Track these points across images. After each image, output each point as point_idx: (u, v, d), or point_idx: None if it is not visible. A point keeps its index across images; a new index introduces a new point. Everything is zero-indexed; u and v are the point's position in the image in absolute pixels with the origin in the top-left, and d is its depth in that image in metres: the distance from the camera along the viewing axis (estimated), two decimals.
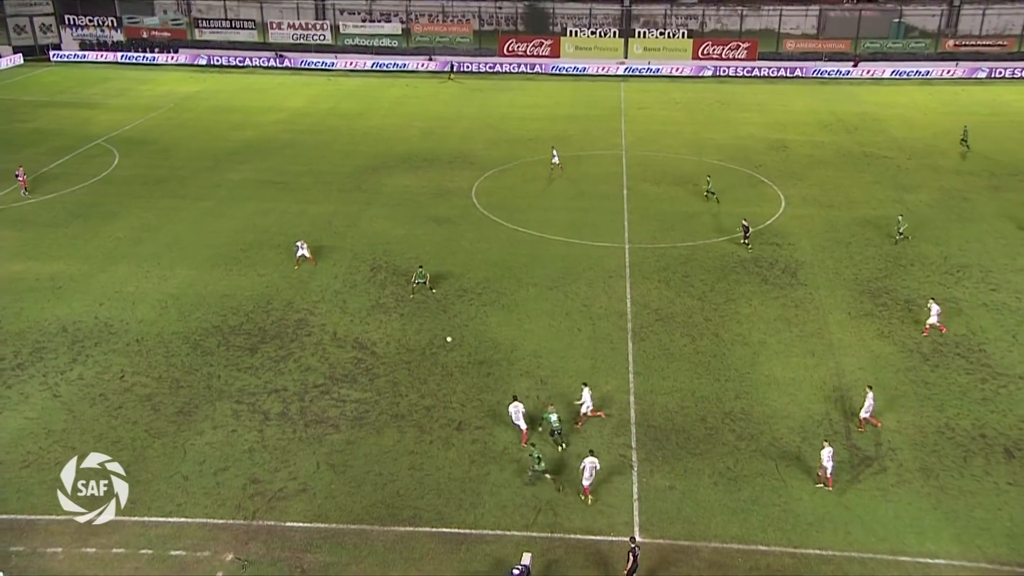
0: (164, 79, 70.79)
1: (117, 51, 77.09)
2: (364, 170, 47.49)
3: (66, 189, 43.46)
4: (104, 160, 48.52)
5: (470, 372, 27.83)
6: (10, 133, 53.64)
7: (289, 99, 64.66)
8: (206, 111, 60.62)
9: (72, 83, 68.41)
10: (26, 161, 47.37)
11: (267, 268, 34.93)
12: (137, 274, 34.17)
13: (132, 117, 57.98)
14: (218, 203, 42.16)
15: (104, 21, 77.76)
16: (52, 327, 29.87)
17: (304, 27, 79.00)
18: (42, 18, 76.36)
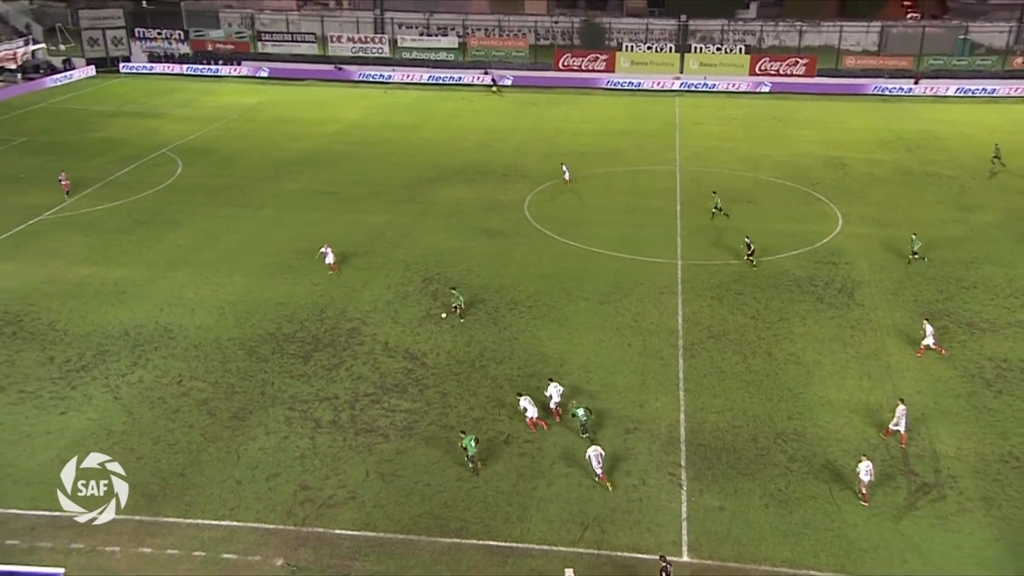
0: (227, 91, 72.49)
1: (183, 63, 79.23)
2: (418, 182, 47.94)
3: (132, 197, 44.70)
4: (168, 169, 49.82)
5: (519, 385, 27.77)
6: (81, 142, 55.43)
7: (346, 111, 65.66)
8: (266, 122, 61.88)
9: (140, 94, 70.48)
10: (95, 169, 48.93)
11: (321, 277, 35.41)
12: (196, 281, 34.93)
13: (196, 127, 59.47)
14: (276, 212, 42.93)
15: (172, 34, 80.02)
16: (115, 331, 30.69)
17: (363, 40, 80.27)
18: (114, 31, 78.89)
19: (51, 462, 23.49)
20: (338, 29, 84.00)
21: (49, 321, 31.21)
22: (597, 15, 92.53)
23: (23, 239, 38.61)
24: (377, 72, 77.25)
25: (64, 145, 54.38)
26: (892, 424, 24.87)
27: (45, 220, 41.18)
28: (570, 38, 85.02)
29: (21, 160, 50.75)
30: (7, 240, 38.42)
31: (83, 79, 75.76)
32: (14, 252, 37.22)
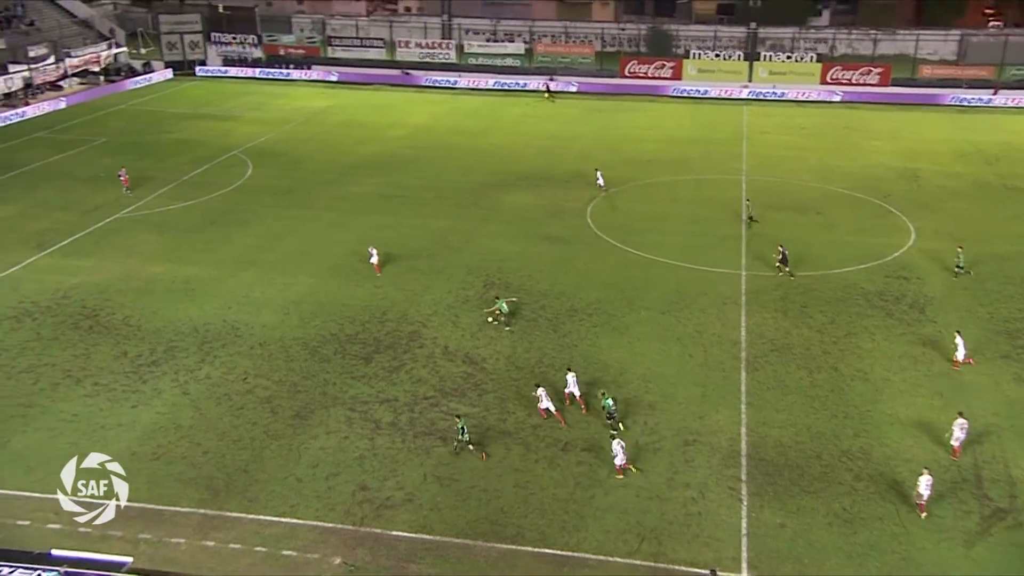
0: (297, 94, 74.03)
1: (256, 67, 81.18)
2: (482, 187, 48.19)
3: (204, 197, 45.94)
4: (239, 170, 51.08)
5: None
6: (157, 143, 57.23)
7: (413, 115, 66.40)
8: (334, 125, 62.97)
9: (214, 96, 72.46)
10: (170, 169, 50.46)
11: (384, 280, 35.84)
12: (263, 280, 35.70)
13: (266, 130, 60.85)
14: (341, 215, 43.61)
15: (246, 39, 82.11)
16: (185, 327, 31.56)
17: (430, 46, 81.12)
18: (191, 35, 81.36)
19: (122, 454, 24.20)
20: (406, 34, 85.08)
21: (124, 316, 32.26)
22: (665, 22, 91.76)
23: (101, 236, 40.01)
24: (443, 77, 77.97)
25: (141, 145, 56.23)
26: (952, 440, 24.10)
27: (122, 218, 42.61)
28: (637, 45, 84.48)
29: (101, 159, 52.63)
30: (87, 237, 39.85)
31: (161, 82, 78.22)
32: (93, 248, 38.59)
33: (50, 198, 45.27)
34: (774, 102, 72.12)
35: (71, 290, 34.28)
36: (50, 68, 71.48)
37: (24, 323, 31.58)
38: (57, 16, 79.31)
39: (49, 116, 64.35)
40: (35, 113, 64.31)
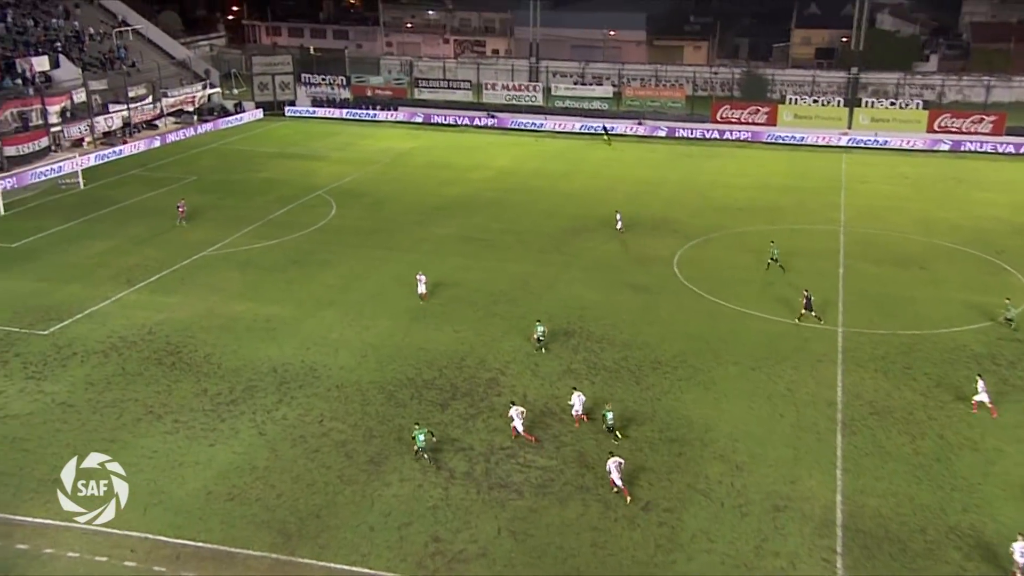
0: (383, 135, 76.19)
1: (343, 108, 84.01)
2: (565, 232, 48.40)
3: (288, 236, 47.48)
4: (323, 210, 52.67)
5: (660, 450, 27.19)
6: (245, 182, 59.62)
7: (497, 158, 67.43)
8: (419, 167, 64.46)
9: (302, 136, 75.21)
10: (256, 208, 52.40)
11: (463, 324, 36.18)
12: (342, 321, 36.48)
13: (351, 170, 62.70)
14: (423, 257, 44.35)
15: (335, 79, 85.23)
16: (264, 367, 32.45)
17: (517, 88, 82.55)
18: (282, 76, 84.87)
19: (198, 493, 24.91)
20: (493, 77, 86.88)
21: (205, 354, 33.40)
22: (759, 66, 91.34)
23: (187, 273, 41.68)
24: (529, 120, 79.11)
25: (230, 184, 58.65)
26: None
27: (208, 256, 44.35)
28: (730, 89, 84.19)
29: (190, 197, 54.99)
30: (173, 274, 41.58)
31: (251, 121, 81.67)
32: (178, 285, 40.23)
33: (141, 234, 47.54)
34: (875, 150, 70.51)
35: (156, 326, 35.74)
36: (147, 108, 75.56)
37: (111, 357, 33.01)
38: (156, 57, 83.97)
39: (145, 154, 67.86)
40: (132, 151, 67.92)
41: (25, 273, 41.37)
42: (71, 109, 68.36)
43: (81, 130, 68.39)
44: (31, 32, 74.88)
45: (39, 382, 30.96)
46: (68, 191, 56.24)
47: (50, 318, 36.27)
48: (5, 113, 61.82)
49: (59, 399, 29.83)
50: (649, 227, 49.32)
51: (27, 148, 61.47)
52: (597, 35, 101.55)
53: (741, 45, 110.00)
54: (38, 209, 52.35)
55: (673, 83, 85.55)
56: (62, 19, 79.77)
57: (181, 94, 79.97)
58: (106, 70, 75.84)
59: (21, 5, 77.74)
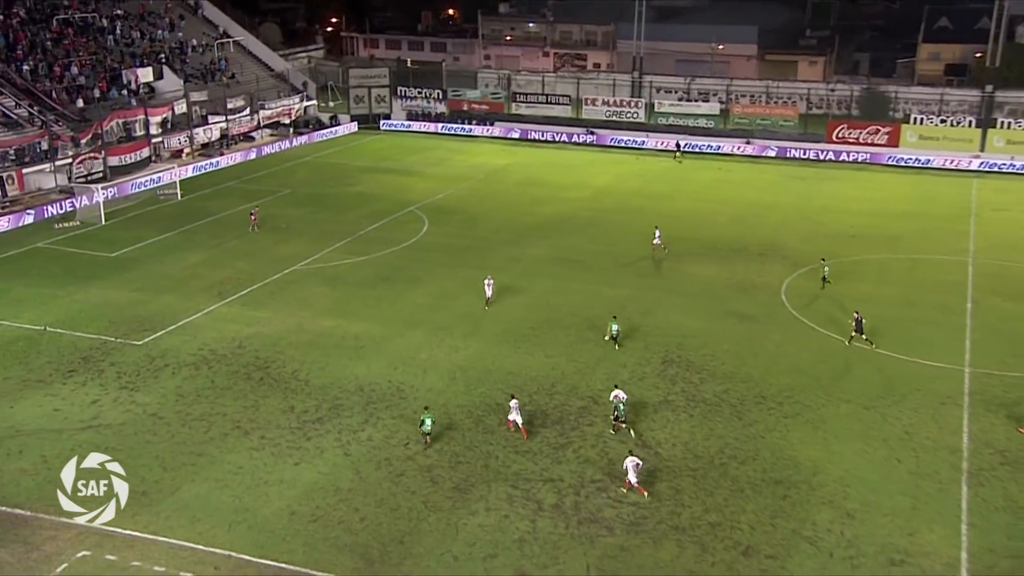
0: (478, 150, 77.25)
1: (439, 122, 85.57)
2: (666, 255, 47.96)
3: (378, 252, 48.54)
4: (415, 226, 53.67)
5: (764, 491, 26.52)
6: (338, 196, 61.31)
7: (596, 176, 67.43)
8: (513, 184, 65.02)
9: (396, 151, 76.95)
10: (347, 223, 53.79)
11: (555, 349, 36.19)
12: (431, 342, 37.00)
13: (445, 186, 63.74)
14: (515, 277, 44.63)
15: (431, 93, 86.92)
16: (351, 385, 33.17)
17: (618, 104, 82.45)
18: (378, 89, 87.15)
19: (282, 512, 25.57)
20: (593, 92, 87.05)
21: (292, 370, 34.39)
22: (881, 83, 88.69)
23: (278, 287, 43.06)
24: (630, 137, 78.91)
25: (322, 198, 60.42)
26: None
27: (299, 270, 45.72)
28: (847, 107, 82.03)
29: (284, 211, 56.97)
30: (264, 288, 43.02)
31: (346, 135, 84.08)
32: (268, 300, 41.58)
33: (234, 247, 49.41)
34: (1012, 175, 67.41)
35: (246, 340, 37.01)
36: (245, 119, 78.71)
37: (201, 370, 34.35)
38: (256, 69, 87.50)
39: (241, 166, 70.64)
40: (228, 163, 70.81)
41: (123, 283, 43.50)
42: (171, 120, 71.74)
43: (181, 141, 71.67)
44: (137, 44, 79.15)
45: (132, 392, 32.44)
46: (166, 202, 58.99)
47: (144, 329, 38.01)
48: (110, 123, 65.20)
49: (150, 410, 31.17)
50: (756, 253, 48.39)
51: (129, 158, 64.69)
52: (704, 49, 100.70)
53: (861, 60, 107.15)
54: (137, 219, 55.07)
55: (785, 100, 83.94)
56: (167, 31, 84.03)
57: (278, 106, 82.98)
58: (206, 81, 79.41)
59: (129, 18, 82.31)
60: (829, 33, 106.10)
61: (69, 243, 50.12)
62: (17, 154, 58.89)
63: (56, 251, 48.81)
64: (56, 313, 39.52)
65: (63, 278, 44.01)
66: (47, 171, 60.13)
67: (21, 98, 63.00)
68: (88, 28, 77.33)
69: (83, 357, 35.24)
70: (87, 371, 34.03)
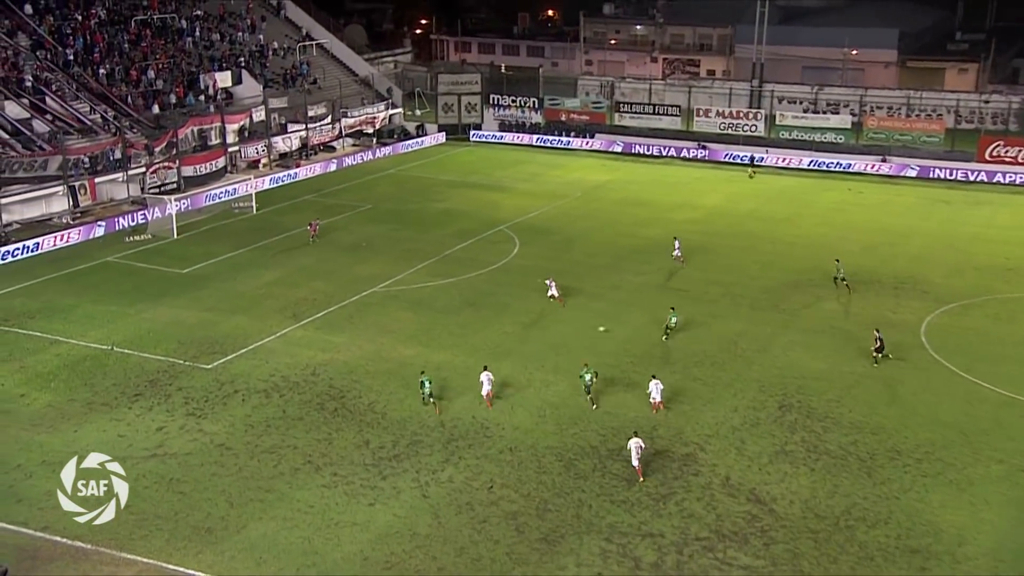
0: (575, 165, 77.52)
1: (533, 133, 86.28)
2: (783, 286, 47.18)
3: (464, 275, 49.09)
4: (505, 247, 54.10)
5: (898, 560, 25.64)
6: (422, 212, 62.36)
7: (706, 196, 66.87)
8: (614, 203, 64.98)
9: (486, 164, 77.89)
10: (432, 242, 54.62)
11: None
12: (519, 374, 37.14)
13: (538, 204, 64.11)
14: (613, 306, 44.50)
15: (526, 102, 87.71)
16: (431, 420, 33.52)
17: (734, 116, 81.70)
18: (469, 97, 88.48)
19: (354, 558, 25.92)
20: (707, 102, 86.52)
21: (369, 401, 34.97)
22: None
23: (356, 310, 43.95)
24: (747, 152, 77.98)
25: (405, 214, 61.55)
26: None
27: (378, 292, 46.58)
28: (1004, 122, 79.33)
29: (364, 228, 58.23)
30: (341, 311, 43.97)
31: (432, 146, 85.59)
32: (346, 324, 42.47)
33: (310, 265, 50.71)
34: None
35: (321, 367, 37.85)
36: (326, 128, 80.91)
37: (272, 398, 35.26)
38: (339, 74, 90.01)
39: (319, 178, 72.63)
40: (306, 175, 72.88)
41: (193, 302, 45.09)
42: (249, 128, 74.31)
43: (258, 151, 74.13)
44: (216, 47, 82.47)
45: (199, 420, 33.50)
46: (241, 215, 61.04)
47: (214, 351, 39.28)
48: (186, 131, 67.89)
49: (218, 440, 32.13)
50: (891, 286, 47.09)
51: (204, 168, 67.21)
52: (835, 54, 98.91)
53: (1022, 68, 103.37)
54: (210, 233, 57.13)
55: (929, 113, 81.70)
56: (247, 32, 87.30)
57: (361, 114, 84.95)
58: (287, 87, 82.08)
59: (209, 19, 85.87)
60: (984, 36, 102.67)
61: (139, 257, 52.33)
62: (91, 162, 61.86)
63: (126, 266, 51.01)
64: (124, 332, 41.21)
65: (132, 295, 45.92)
66: (120, 181, 62.98)
67: (96, 103, 66.22)
68: (166, 30, 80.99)
69: (150, 380, 36.63)
70: (154, 395, 35.33)
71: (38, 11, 72.57)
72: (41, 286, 47.24)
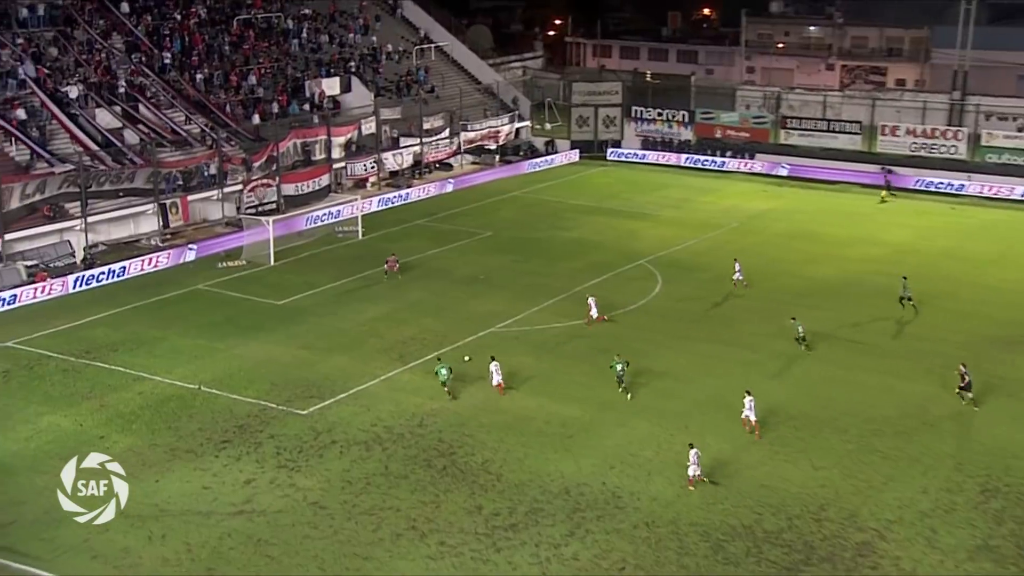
0: (731, 190, 76.87)
1: (681, 152, 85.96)
2: (986, 342, 45.73)
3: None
4: (644, 285, 53.95)
5: None
6: (550, 241, 62.84)
7: (891, 230, 65.38)
8: (776, 235, 64.15)
9: (625, 187, 77.99)
10: (560, 276, 54.93)
11: (827, 459, 35.06)
12: (659, 436, 36.86)
13: (685, 235, 63.77)
14: (772, 358, 43.79)
15: (674, 115, 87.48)
16: (554, 485, 33.52)
17: (929, 135, 79.49)
18: (608, 109, 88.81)
19: None
20: (894, 118, 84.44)
21: (483, 460, 35.26)
22: None
23: (471, 353, 44.45)
24: (944, 180, 75.96)
25: (531, 244, 62.15)
26: None
27: (497, 333, 47.08)
28: None
29: (482, 258, 59.03)
30: (455, 352, 44.54)
31: (563, 165, 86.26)
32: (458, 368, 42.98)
33: (421, 300, 51.68)
34: None
35: (429, 417, 38.42)
36: (443, 143, 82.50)
37: (374, 452, 35.94)
38: (459, 81, 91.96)
39: (433, 201, 74.14)
40: (419, 196, 74.48)
41: (289, 337, 46.53)
42: (356, 142, 76.42)
43: (366, 168, 76.11)
44: (324, 50, 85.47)
45: (292, 473, 34.40)
46: (345, 240, 62.80)
47: (310, 395, 40.37)
48: (288, 144, 70.17)
49: (311, 497, 32.89)
50: None
51: (306, 187, 69.46)
52: None
53: None
54: (310, 260, 58.95)
55: None
56: (360, 34, 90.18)
57: (483, 127, 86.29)
58: (400, 96, 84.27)
59: (318, 19, 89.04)
60: None
61: (233, 286, 54.42)
62: (184, 178, 64.65)
63: (217, 295, 53.10)
64: (213, 370, 42.83)
65: (223, 328, 47.73)
66: (215, 199, 65.77)
67: (192, 112, 69.41)
68: (271, 31, 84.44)
69: (239, 425, 37.89)
70: (243, 443, 36.51)
71: (135, 10, 76.88)
72: (126, 315, 49.63)
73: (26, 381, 41.80)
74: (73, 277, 53.61)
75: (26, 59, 65.74)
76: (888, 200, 73.47)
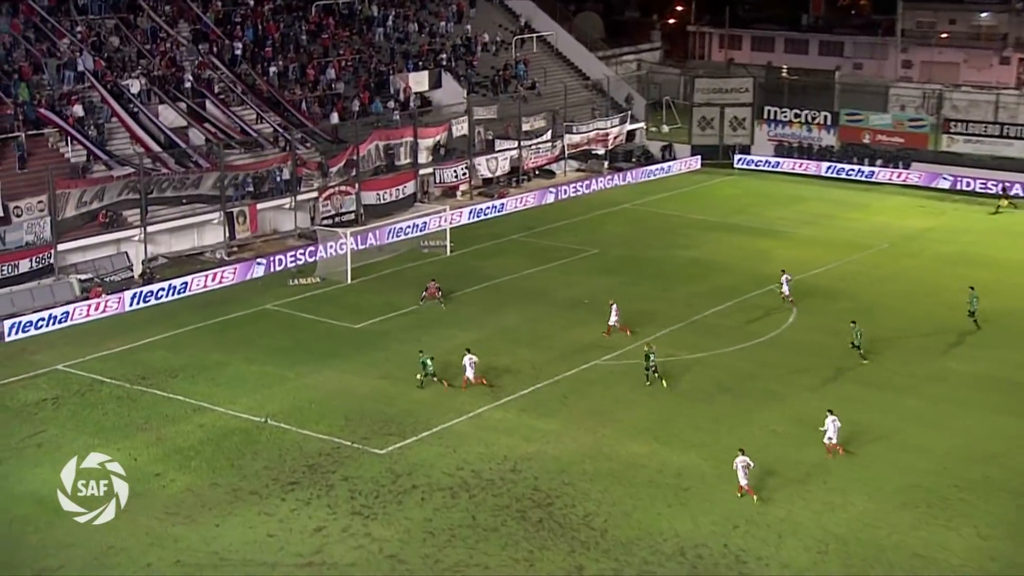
0: (881, 205, 75.69)
1: (822, 160, 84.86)
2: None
3: (719, 348, 48.79)
4: (777, 315, 53.35)
5: None
6: (664, 261, 62.61)
7: None
8: (935, 259, 63.08)
9: (753, 200, 77.29)
10: (677, 300, 54.69)
11: (994, 525, 34.10)
12: (793, 491, 36.20)
13: (825, 256, 62.95)
14: (931, 404, 42.98)
15: (814, 117, 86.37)
16: (667, 545, 33.19)
17: None
18: (736, 109, 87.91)
19: None
20: None
21: (585, 513, 35.09)
22: None
23: (571, 388, 44.50)
24: None
25: (643, 263, 61.99)
26: None
27: (602, 366, 46.98)
28: None
29: (587, 279, 59.01)
30: (552, 387, 44.65)
31: (682, 173, 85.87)
32: (559, 406, 43.04)
33: (515, 326, 51.90)
34: None
35: (523, 462, 38.42)
36: (544, 147, 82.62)
37: (460, 499, 36.07)
38: (564, 76, 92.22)
39: (531, 212, 74.43)
40: (515, 207, 74.81)
41: (366, 366, 47.11)
42: (446, 145, 76.92)
43: (456, 174, 76.62)
44: (412, 40, 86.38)
45: (367, 521, 34.67)
46: (431, 256, 63.46)
47: (389, 432, 40.75)
48: (369, 147, 70.87)
49: (388, 550, 33.05)
50: None
51: (389, 196, 70.25)
52: None
53: None
54: (391, 279, 59.62)
55: None
56: (452, 22, 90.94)
57: (591, 129, 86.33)
58: (497, 93, 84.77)
59: (406, 5, 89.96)
60: None
61: (304, 306, 55.31)
62: (254, 184, 65.85)
63: (287, 316, 54.03)
64: (281, 401, 43.53)
65: (293, 353, 48.51)
66: (287, 208, 66.88)
67: (264, 109, 70.62)
68: (353, 18, 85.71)
69: (309, 464, 38.37)
70: (313, 485, 36.94)
71: None
72: (186, 337, 50.83)
73: (77, 409, 42.98)
74: (130, 293, 55.00)
75: (85, 49, 67.59)
76: (1002, 210, 72.71)
